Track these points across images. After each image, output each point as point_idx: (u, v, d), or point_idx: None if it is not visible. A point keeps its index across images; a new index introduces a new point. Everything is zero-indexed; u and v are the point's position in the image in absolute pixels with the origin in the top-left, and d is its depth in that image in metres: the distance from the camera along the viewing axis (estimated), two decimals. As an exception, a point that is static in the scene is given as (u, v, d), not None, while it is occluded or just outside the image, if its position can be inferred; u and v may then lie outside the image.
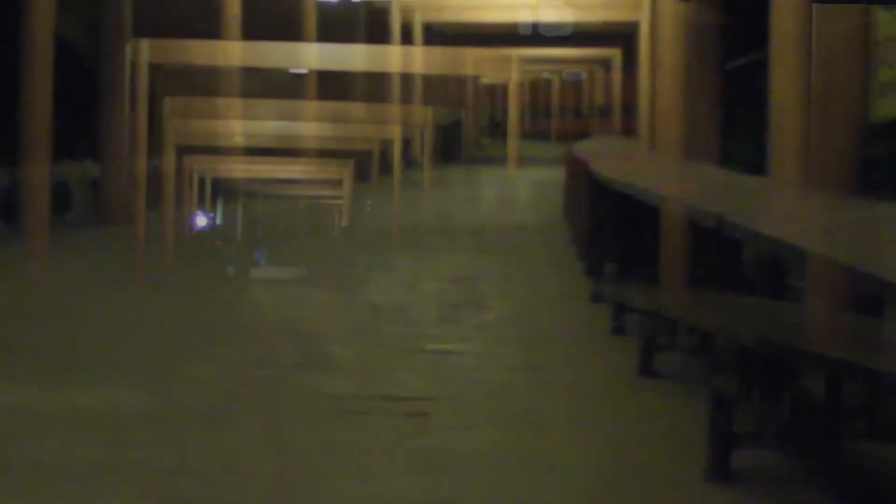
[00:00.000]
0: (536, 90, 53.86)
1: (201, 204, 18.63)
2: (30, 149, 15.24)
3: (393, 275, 12.73)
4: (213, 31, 20.13)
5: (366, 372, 7.92)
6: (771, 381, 6.06)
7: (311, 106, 22.36)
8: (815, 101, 8.50)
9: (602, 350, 8.70)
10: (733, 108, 14.77)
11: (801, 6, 9.01)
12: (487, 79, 44.97)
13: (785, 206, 7.85)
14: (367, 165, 26.35)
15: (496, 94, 50.54)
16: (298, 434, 6.46)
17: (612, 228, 10.95)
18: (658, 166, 12.50)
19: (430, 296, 11.36)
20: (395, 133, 19.84)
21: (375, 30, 28.92)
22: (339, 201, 20.11)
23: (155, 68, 18.13)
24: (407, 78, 29.78)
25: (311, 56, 21.90)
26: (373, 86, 27.10)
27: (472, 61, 28.60)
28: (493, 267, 13.34)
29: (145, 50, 17.94)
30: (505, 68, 33.53)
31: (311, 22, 24.58)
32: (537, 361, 8.28)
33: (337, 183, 19.32)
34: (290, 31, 22.94)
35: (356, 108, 23.79)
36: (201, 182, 19.61)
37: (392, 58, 25.75)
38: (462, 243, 15.78)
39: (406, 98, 29.80)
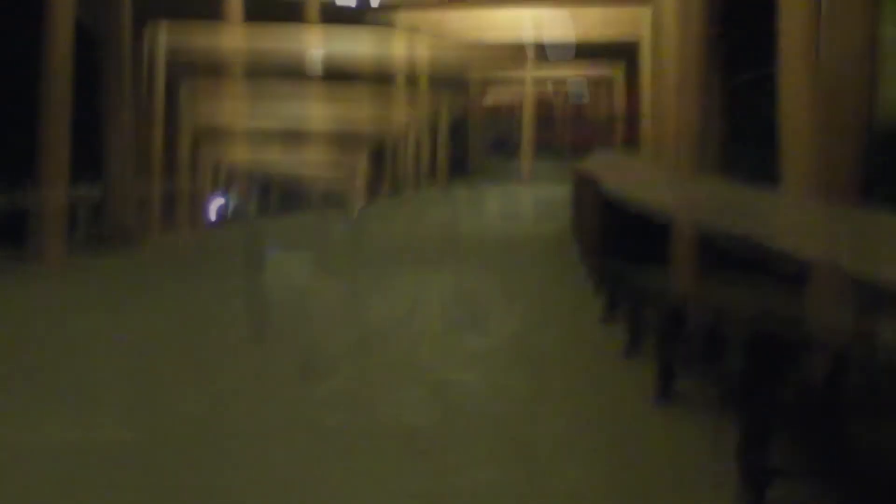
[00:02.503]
0: (541, 108, 53.66)
1: (216, 191, 18.44)
2: (44, 172, 15.11)
3: (395, 290, 12.40)
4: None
5: (361, 400, 7.40)
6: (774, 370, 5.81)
7: (326, 98, 22.31)
8: (822, 104, 8.40)
9: (616, 374, 8.16)
10: (737, 121, 14.62)
11: (810, 15, 8.88)
12: (491, 100, 44.92)
13: (807, 222, 7.67)
14: (380, 171, 26.20)
15: (500, 113, 50.41)
16: (287, 470, 5.93)
17: (622, 245, 10.78)
18: (667, 182, 12.35)
19: (432, 314, 10.95)
20: (412, 122, 19.73)
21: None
22: (353, 189, 19.93)
23: (172, 57, 17.95)
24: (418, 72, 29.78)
25: (322, 41, 21.73)
26: (387, 80, 26.98)
27: (485, 54, 28.71)
28: (501, 282, 13.05)
29: (163, 34, 17.73)
30: (516, 62, 33.57)
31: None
32: (547, 388, 7.78)
33: (351, 170, 19.22)
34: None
35: (370, 100, 23.75)
36: (216, 170, 19.39)
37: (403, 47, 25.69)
38: (468, 256, 15.58)
39: (418, 94, 29.83)
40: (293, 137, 19.58)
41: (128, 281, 14.22)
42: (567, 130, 50.42)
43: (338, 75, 23.53)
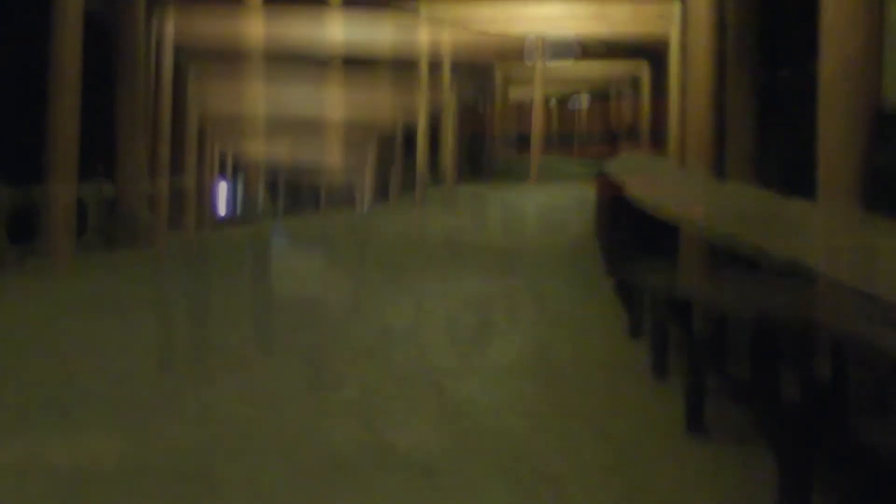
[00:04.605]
0: (563, 106, 53.38)
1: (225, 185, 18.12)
2: (54, 167, 14.83)
3: (406, 298, 11.85)
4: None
5: (366, 415, 6.87)
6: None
7: (335, 87, 21.91)
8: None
9: (641, 396, 7.59)
10: (770, 123, 14.11)
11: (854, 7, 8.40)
12: (515, 95, 44.48)
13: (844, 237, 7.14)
14: (390, 168, 25.79)
15: (524, 110, 50.05)
16: (278, 496, 5.43)
17: (650, 255, 10.24)
18: (696, 189, 11.83)
19: (446, 324, 10.30)
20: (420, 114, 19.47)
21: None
22: (363, 186, 19.55)
23: (181, 45, 17.62)
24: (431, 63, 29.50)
25: (336, 30, 21.39)
26: (396, 70, 26.60)
27: (493, 47, 28.45)
28: (518, 292, 12.47)
29: (171, 19, 17.27)
30: (536, 58, 33.25)
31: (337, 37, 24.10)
32: (566, 409, 7.20)
33: (359, 165, 19.00)
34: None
35: (380, 91, 23.38)
36: (226, 163, 19.06)
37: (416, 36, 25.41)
38: (484, 264, 15.01)
39: (437, 88, 29.51)
40: (304, 128, 19.23)
41: (135, 279, 13.88)
42: (588, 130, 50.04)
43: (353, 64, 23.15)
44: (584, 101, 51.30)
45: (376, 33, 23.58)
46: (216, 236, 19.54)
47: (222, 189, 18.61)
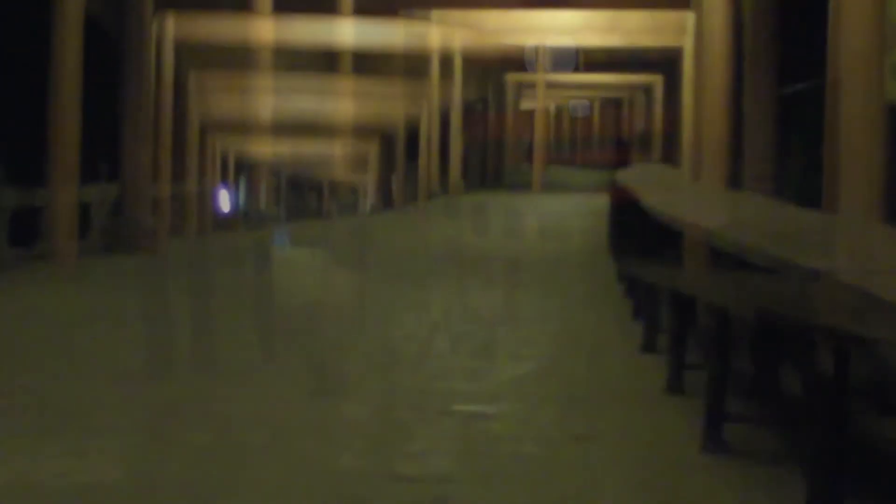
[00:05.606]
0: (573, 116, 53.22)
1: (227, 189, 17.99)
2: (55, 167, 14.64)
3: (414, 312, 11.55)
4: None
5: (373, 440, 6.51)
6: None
7: (338, 83, 21.71)
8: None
9: (657, 416, 7.23)
10: (787, 135, 13.86)
11: (870, 22, 8.19)
12: (528, 105, 44.32)
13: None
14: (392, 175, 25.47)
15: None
16: None
17: (665, 265, 9.94)
18: (713, 200, 11.57)
19: (455, 341, 9.90)
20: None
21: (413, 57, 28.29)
22: (365, 195, 19.37)
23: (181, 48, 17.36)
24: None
25: (344, 32, 21.24)
26: (403, 76, 26.40)
27: (504, 56, 28.36)
28: (528, 305, 12.15)
29: (171, 25, 17.05)
30: (534, 64, 33.10)
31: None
32: (580, 430, 6.83)
33: (362, 162, 18.94)
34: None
35: (386, 97, 23.18)
36: (227, 167, 18.90)
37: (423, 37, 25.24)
38: (493, 276, 14.67)
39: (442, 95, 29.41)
40: (308, 132, 19.06)
41: (139, 284, 13.67)
42: (600, 139, 49.87)
43: (359, 70, 22.93)
44: (594, 109, 51.17)
45: (384, 40, 23.35)
46: (218, 242, 19.31)
47: (224, 193, 18.36)
